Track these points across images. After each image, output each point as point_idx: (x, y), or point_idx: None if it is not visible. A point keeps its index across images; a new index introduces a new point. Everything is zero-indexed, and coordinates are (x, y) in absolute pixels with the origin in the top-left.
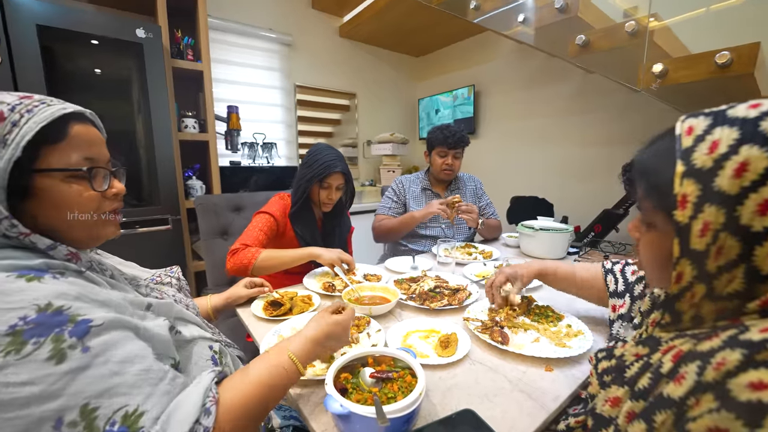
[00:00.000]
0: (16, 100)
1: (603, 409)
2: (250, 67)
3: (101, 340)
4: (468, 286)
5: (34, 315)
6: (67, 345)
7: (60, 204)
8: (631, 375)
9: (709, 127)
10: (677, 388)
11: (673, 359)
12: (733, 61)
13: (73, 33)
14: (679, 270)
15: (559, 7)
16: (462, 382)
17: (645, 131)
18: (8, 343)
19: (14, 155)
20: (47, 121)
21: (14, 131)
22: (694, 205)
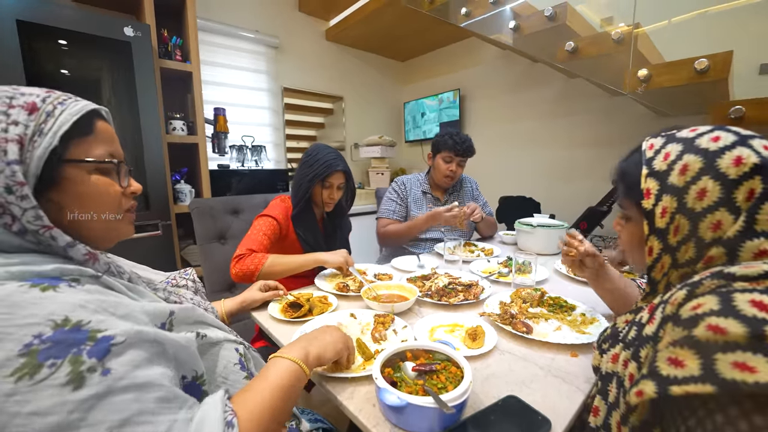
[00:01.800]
0: (44, 93)
1: (607, 367)
2: (236, 69)
3: (122, 361)
4: (479, 282)
5: (50, 332)
6: (86, 367)
7: (86, 197)
8: (623, 335)
9: (664, 144)
10: (651, 327)
11: (648, 311)
12: (710, 67)
13: (56, 29)
14: (650, 245)
15: (548, 15)
16: (497, 371)
17: (625, 133)
18: (22, 365)
19: (51, 144)
20: (80, 114)
21: (50, 121)
22: (655, 195)
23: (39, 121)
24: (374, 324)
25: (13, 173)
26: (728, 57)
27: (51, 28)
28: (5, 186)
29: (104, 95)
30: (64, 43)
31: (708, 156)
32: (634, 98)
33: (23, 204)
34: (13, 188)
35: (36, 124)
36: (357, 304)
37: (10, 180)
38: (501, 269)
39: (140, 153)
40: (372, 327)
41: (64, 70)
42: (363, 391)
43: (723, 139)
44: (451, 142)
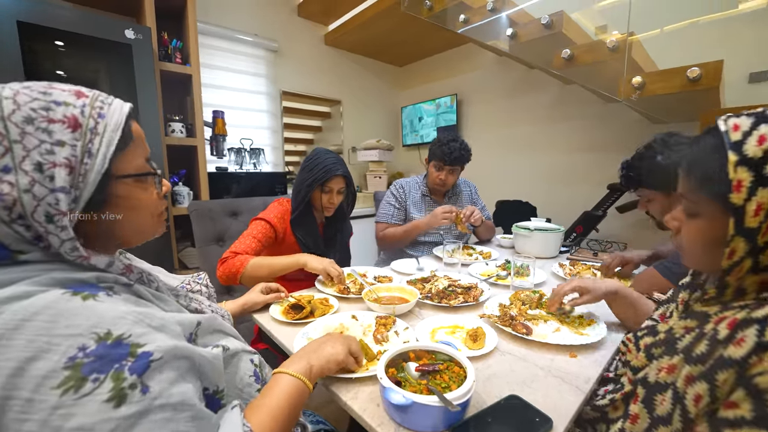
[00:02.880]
0: (77, 100)
1: (658, 377)
2: (235, 72)
3: (160, 379)
4: (479, 284)
5: (93, 346)
6: (127, 384)
7: (135, 208)
8: (685, 345)
9: (754, 125)
10: (737, 350)
11: (728, 326)
12: (701, 76)
13: (57, 31)
14: (733, 246)
15: (544, 23)
16: (498, 372)
17: (619, 139)
18: (66, 378)
19: (104, 167)
20: (121, 128)
21: (96, 140)
22: (748, 189)
23: (85, 140)
24: (376, 326)
25: (57, 201)
26: (719, 66)
27: (51, 29)
28: (46, 214)
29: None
30: (65, 45)
31: None
32: (629, 105)
33: (62, 235)
34: (54, 218)
35: (83, 144)
36: (358, 306)
37: (52, 209)
38: (499, 272)
39: None
40: (374, 328)
41: (65, 71)
42: (367, 391)
43: None
44: (439, 152)
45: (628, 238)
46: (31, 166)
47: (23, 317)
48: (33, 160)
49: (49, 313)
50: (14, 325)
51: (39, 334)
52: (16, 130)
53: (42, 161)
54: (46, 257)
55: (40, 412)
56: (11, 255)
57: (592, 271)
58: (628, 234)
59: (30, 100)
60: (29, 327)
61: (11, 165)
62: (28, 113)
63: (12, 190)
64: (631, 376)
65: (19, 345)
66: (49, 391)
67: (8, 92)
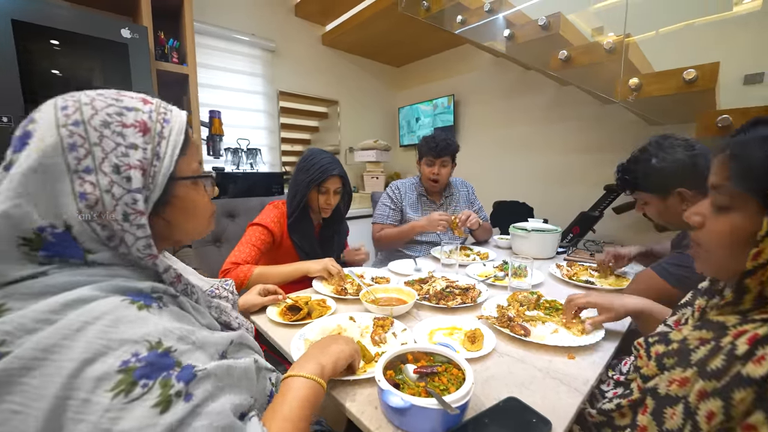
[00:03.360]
0: (143, 105)
1: (669, 389)
2: (232, 72)
3: (204, 389)
4: (476, 285)
5: (145, 353)
6: (174, 391)
7: (191, 208)
8: (699, 357)
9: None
10: (757, 369)
11: (748, 342)
12: (698, 77)
13: (52, 30)
14: (762, 247)
15: (542, 25)
16: (497, 374)
17: (616, 140)
18: (118, 381)
19: (170, 169)
20: (183, 133)
21: (162, 143)
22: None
23: (154, 144)
24: (373, 327)
25: (134, 201)
26: (715, 68)
27: (47, 28)
28: (123, 213)
29: None
30: (60, 44)
31: None
32: (625, 106)
33: (138, 233)
34: (131, 216)
35: (152, 147)
36: (356, 307)
37: (129, 208)
38: (497, 273)
39: None
40: (371, 330)
41: (60, 71)
42: (365, 394)
43: None
44: (425, 147)
45: (625, 239)
46: (109, 167)
47: (86, 320)
48: (111, 162)
49: (108, 318)
50: (77, 327)
51: (98, 337)
52: (95, 133)
53: (119, 163)
54: (112, 259)
55: (93, 414)
56: (83, 254)
57: (590, 272)
58: (625, 235)
59: (105, 105)
60: (90, 330)
61: (92, 166)
62: (105, 118)
63: (94, 190)
64: (641, 384)
65: (79, 347)
66: (103, 393)
67: (86, 98)
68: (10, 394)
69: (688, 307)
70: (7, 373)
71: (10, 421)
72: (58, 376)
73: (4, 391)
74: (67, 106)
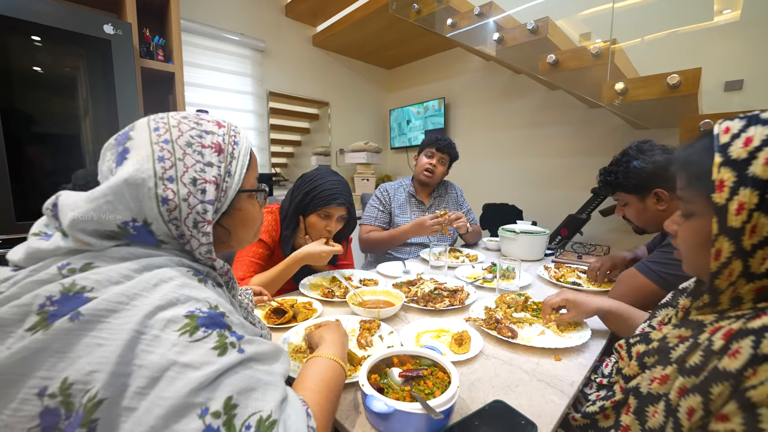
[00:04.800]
0: (218, 129)
1: (650, 387)
2: (220, 72)
3: (252, 347)
4: (465, 287)
5: (206, 309)
6: (229, 341)
7: (246, 219)
8: (679, 355)
9: (744, 127)
10: (732, 362)
11: (723, 337)
12: (681, 82)
13: (31, 24)
14: (718, 246)
15: (530, 29)
16: (483, 376)
17: (603, 144)
18: (185, 324)
19: (239, 185)
20: (249, 153)
21: (233, 163)
22: (730, 188)
23: (226, 163)
24: (360, 330)
25: (205, 211)
26: (697, 73)
27: (25, 22)
28: (194, 221)
29: (81, 94)
30: (41, 40)
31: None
32: (612, 110)
33: (202, 239)
34: (199, 224)
35: (225, 165)
36: (342, 310)
37: (200, 217)
38: (485, 275)
39: None
40: (358, 333)
41: (41, 67)
42: (349, 398)
43: None
44: (433, 137)
45: (611, 241)
46: (188, 179)
47: (160, 279)
48: (190, 175)
49: (177, 280)
50: (154, 283)
51: (171, 291)
52: (180, 151)
53: (196, 177)
54: (179, 248)
55: (162, 347)
56: (157, 242)
57: (577, 274)
58: (611, 237)
59: (189, 128)
60: (164, 286)
61: (174, 176)
62: (188, 139)
63: (174, 197)
64: (623, 385)
65: (155, 296)
66: (171, 331)
67: (174, 122)
68: (96, 330)
69: (670, 308)
70: (95, 312)
71: (94, 352)
72: (136, 316)
73: (92, 327)
74: (158, 128)
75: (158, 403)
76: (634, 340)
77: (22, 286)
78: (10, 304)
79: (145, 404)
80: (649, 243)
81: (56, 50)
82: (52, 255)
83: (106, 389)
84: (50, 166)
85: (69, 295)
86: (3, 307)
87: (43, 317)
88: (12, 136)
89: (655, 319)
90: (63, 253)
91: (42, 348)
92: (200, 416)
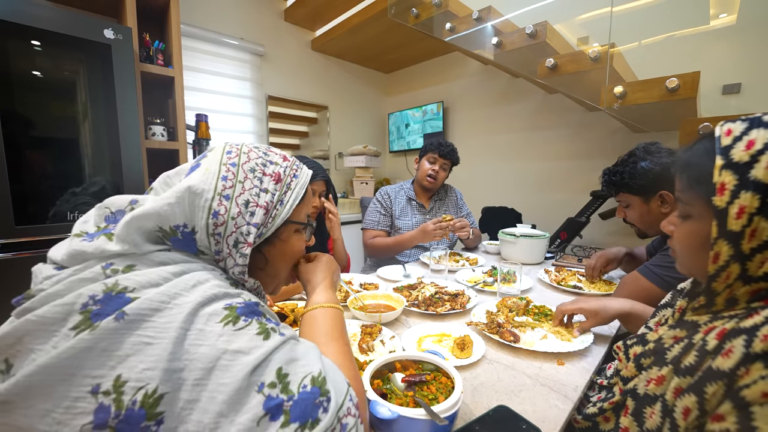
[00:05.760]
0: (283, 162)
1: (647, 389)
2: (220, 76)
3: (289, 331)
4: (466, 291)
5: (242, 302)
6: (270, 326)
7: (287, 251)
8: (674, 355)
9: (746, 129)
10: (726, 361)
11: (717, 337)
12: (680, 86)
13: (32, 29)
14: (717, 250)
15: (529, 33)
16: (486, 381)
17: (602, 147)
18: (226, 315)
19: (288, 214)
20: (306, 187)
21: (288, 193)
22: (731, 192)
23: (281, 192)
24: (361, 335)
25: (248, 233)
26: (696, 77)
27: (26, 27)
28: (235, 240)
29: (80, 98)
30: (41, 44)
31: None
32: (610, 113)
33: (239, 260)
34: (240, 245)
35: (279, 194)
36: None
37: (242, 237)
38: (486, 278)
39: (117, 158)
40: (359, 338)
41: (41, 71)
42: None
43: None
44: (436, 143)
45: (611, 244)
46: (242, 201)
47: (198, 280)
48: (245, 197)
49: (213, 282)
50: (193, 284)
51: (208, 290)
52: (242, 174)
53: (250, 200)
54: (214, 263)
55: (209, 339)
56: (197, 251)
57: (578, 277)
58: (611, 240)
59: (257, 157)
60: (202, 287)
61: (231, 195)
62: (253, 165)
63: (225, 213)
64: (622, 386)
65: (195, 295)
66: (215, 324)
67: (246, 149)
68: (142, 329)
69: (668, 308)
70: (139, 312)
71: (143, 351)
72: (180, 314)
73: (137, 326)
74: (231, 152)
75: (219, 389)
76: (631, 342)
77: (66, 285)
78: (53, 303)
79: (206, 394)
80: (649, 245)
81: (56, 55)
82: (94, 257)
83: (165, 384)
84: (50, 170)
85: (112, 294)
86: (46, 306)
87: (87, 316)
88: (12, 140)
89: (653, 319)
90: (106, 256)
91: (89, 347)
92: (258, 391)
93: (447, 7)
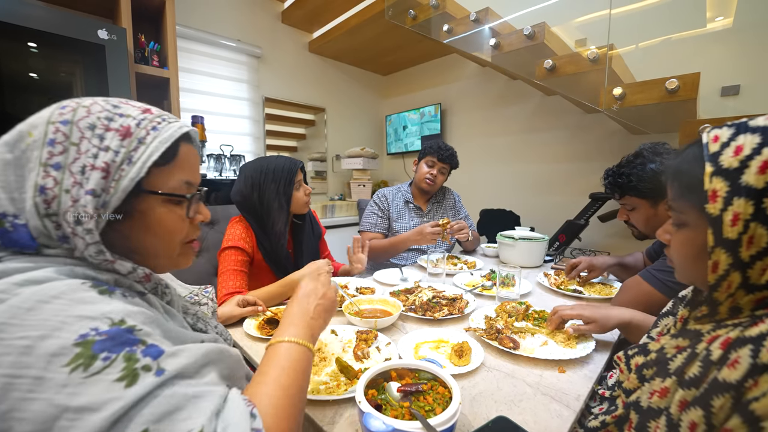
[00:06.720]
0: (140, 114)
1: (651, 401)
2: (216, 78)
3: (177, 363)
4: (464, 295)
5: (106, 327)
6: (140, 366)
7: (155, 227)
8: (677, 366)
9: (734, 135)
10: (732, 373)
11: (721, 346)
12: (679, 87)
13: (26, 30)
14: (715, 259)
15: (527, 34)
16: (485, 390)
17: (600, 149)
18: (76, 355)
19: (138, 175)
20: (170, 142)
21: (140, 149)
22: (723, 198)
23: (130, 148)
24: (356, 341)
25: (85, 204)
26: (696, 78)
27: (20, 27)
28: (75, 217)
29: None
30: (36, 45)
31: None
32: (609, 115)
33: (87, 238)
34: (82, 220)
35: (126, 151)
36: (338, 320)
37: (81, 210)
38: (484, 282)
39: None
40: (354, 344)
41: (34, 72)
42: (345, 415)
43: None
44: (436, 146)
45: (610, 247)
46: (77, 168)
47: (40, 299)
48: (80, 163)
49: (66, 298)
50: (29, 305)
51: (54, 315)
52: (78, 134)
53: (86, 164)
54: (69, 256)
55: (47, 391)
56: (38, 247)
57: (577, 281)
58: (610, 242)
59: (101, 110)
60: (45, 309)
61: (62, 164)
62: (93, 121)
63: (55, 187)
64: (624, 399)
65: (31, 324)
66: (58, 368)
67: (88, 102)
68: None
69: (669, 317)
70: None
71: None
72: (6, 356)
73: None
74: (65, 106)
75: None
76: (632, 352)
77: None
78: None
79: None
80: (649, 248)
81: (51, 55)
82: None
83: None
84: None
85: None
86: None
87: None
88: None
89: (655, 329)
90: None
91: None
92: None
93: (444, 9)
